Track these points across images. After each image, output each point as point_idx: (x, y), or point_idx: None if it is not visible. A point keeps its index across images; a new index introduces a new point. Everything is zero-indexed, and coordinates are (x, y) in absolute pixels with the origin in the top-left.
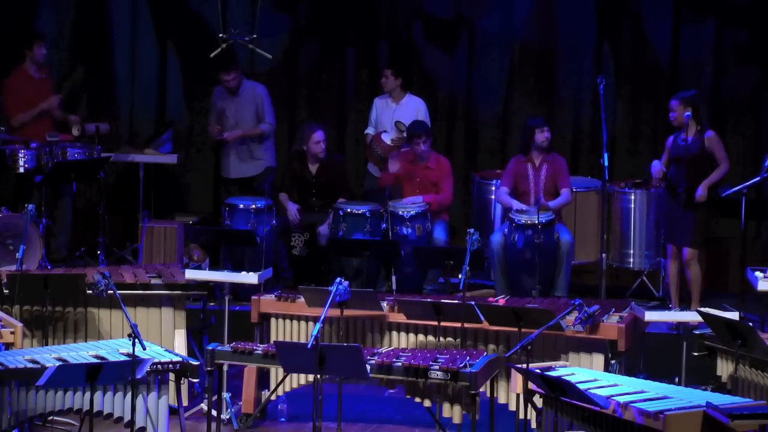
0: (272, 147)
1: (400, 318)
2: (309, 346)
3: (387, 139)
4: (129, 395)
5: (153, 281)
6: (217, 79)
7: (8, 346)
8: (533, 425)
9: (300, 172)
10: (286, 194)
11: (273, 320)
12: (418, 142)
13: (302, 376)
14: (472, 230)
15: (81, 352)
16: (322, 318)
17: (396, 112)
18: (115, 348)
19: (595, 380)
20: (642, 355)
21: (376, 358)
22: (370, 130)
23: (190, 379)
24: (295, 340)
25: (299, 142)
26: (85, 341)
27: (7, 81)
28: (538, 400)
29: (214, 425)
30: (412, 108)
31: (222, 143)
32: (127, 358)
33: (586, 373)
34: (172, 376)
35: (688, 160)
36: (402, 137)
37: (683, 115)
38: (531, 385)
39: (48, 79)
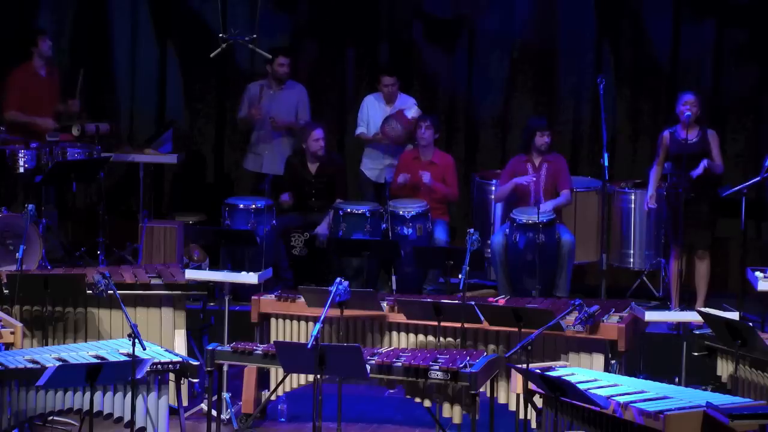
0: None
1: (400, 318)
2: (309, 346)
3: (409, 115)
4: (129, 395)
5: (153, 281)
6: (269, 67)
7: (8, 346)
8: (533, 425)
9: (299, 171)
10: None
11: (273, 320)
12: (421, 125)
13: (302, 376)
14: (472, 230)
15: (81, 352)
16: (322, 318)
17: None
18: (115, 348)
19: (595, 380)
20: (642, 355)
21: (376, 358)
22: (362, 129)
23: (190, 379)
24: (295, 340)
25: (297, 141)
26: (85, 341)
27: (11, 76)
28: (538, 400)
29: (214, 425)
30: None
31: (251, 135)
32: (127, 358)
33: (586, 373)
34: (172, 376)
35: (689, 157)
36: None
37: (694, 111)
38: (531, 385)
39: (55, 80)
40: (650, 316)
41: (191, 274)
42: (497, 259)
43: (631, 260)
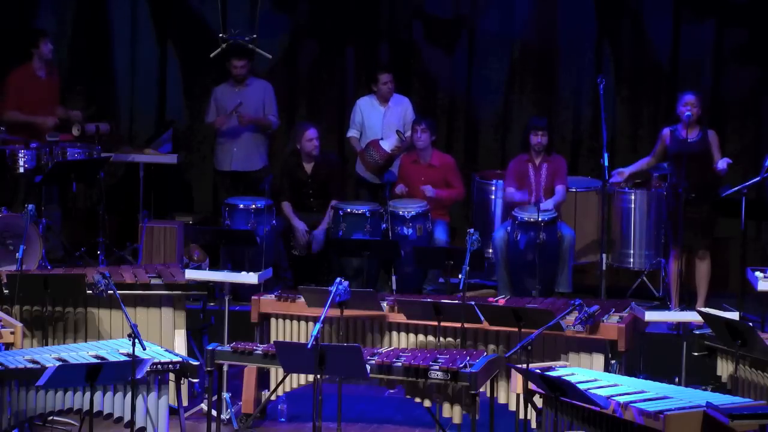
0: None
1: (400, 318)
2: (309, 346)
3: (387, 147)
4: (129, 395)
5: (153, 281)
6: (227, 67)
7: (8, 346)
8: (533, 425)
9: (295, 171)
10: (289, 204)
11: (273, 320)
12: (416, 129)
13: (302, 376)
14: (472, 230)
15: (81, 352)
16: (322, 318)
17: (386, 115)
18: (115, 348)
19: (595, 380)
20: (642, 355)
21: (376, 358)
22: (353, 133)
23: (190, 379)
24: (295, 340)
25: (292, 141)
26: (85, 341)
27: (10, 77)
28: (538, 400)
29: (214, 425)
30: (401, 108)
31: (218, 136)
32: (127, 358)
33: (586, 373)
34: (172, 376)
35: (689, 156)
36: (402, 146)
37: (695, 112)
38: (531, 385)
39: (55, 81)
40: (650, 316)
41: (191, 274)
42: (499, 256)
43: (631, 260)
